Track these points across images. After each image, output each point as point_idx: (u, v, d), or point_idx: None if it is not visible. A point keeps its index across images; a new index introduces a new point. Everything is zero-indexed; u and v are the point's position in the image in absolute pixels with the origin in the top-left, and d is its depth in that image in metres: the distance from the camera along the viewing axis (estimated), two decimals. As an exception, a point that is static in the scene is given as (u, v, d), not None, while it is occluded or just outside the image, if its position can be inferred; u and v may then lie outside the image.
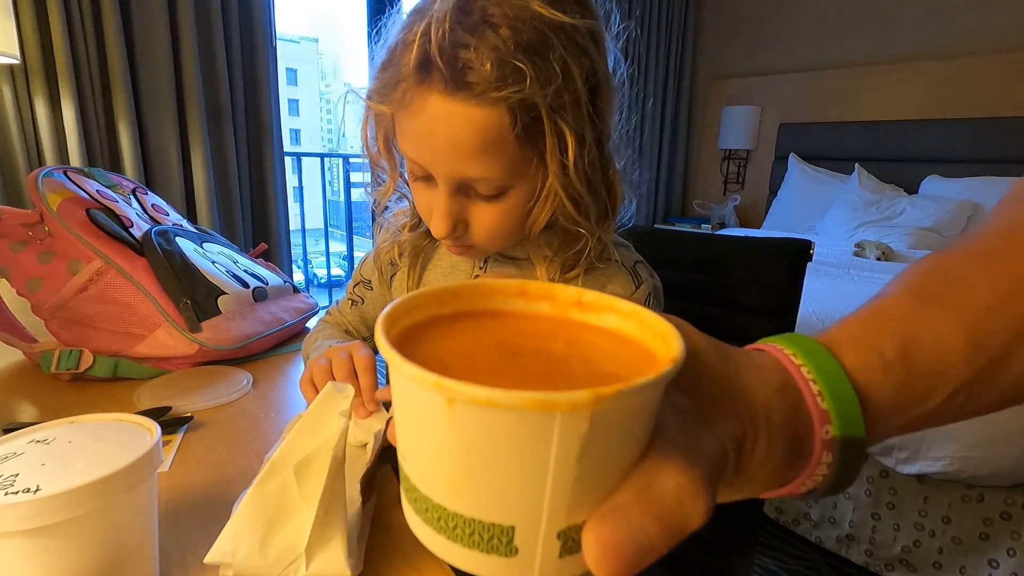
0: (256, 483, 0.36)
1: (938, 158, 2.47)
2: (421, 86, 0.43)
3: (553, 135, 0.43)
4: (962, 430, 1.22)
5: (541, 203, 0.47)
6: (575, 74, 0.42)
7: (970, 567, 1.29)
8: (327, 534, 0.35)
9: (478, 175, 0.45)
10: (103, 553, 0.34)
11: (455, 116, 0.42)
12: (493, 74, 0.40)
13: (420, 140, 0.45)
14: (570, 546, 0.15)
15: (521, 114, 0.42)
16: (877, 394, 0.20)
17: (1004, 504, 1.25)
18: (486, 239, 0.50)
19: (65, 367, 0.68)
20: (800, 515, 1.54)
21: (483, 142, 0.43)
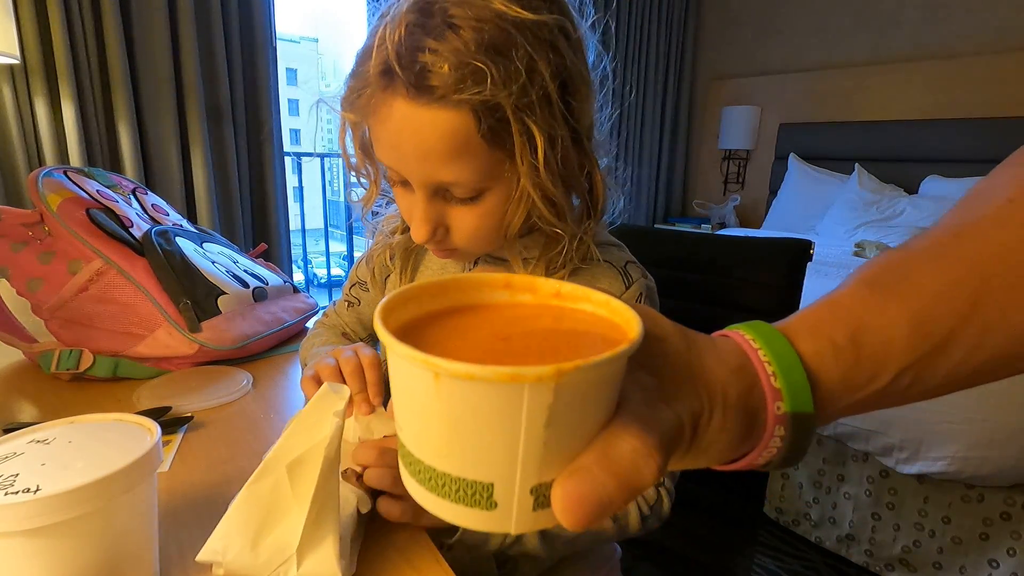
0: (249, 483, 0.36)
1: (938, 158, 2.47)
2: (385, 92, 0.42)
3: (522, 135, 0.42)
4: (962, 430, 1.22)
5: (515, 205, 0.47)
6: (543, 71, 0.41)
7: (970, 567, 1.29)
8: (319, 535, 0.35)
9: (451, 179, 0.44)
10: (103, 553, 0.34)
11: (420, 121, 0.42)
12: (453, 76, 0.39)
13: (390, 146, 0.45)
14: (542, 501, 0.18)
15: (486, 115, 0.41)
16: (827, 375, 0.22)
17: (1004, 504, 1.25)
18: (467, 242, 0.50)
19: (65, 367, 0.68)
20: (800, 515, 1.54)
21: (450, 146, 0.42)
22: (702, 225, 3.13)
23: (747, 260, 0.78)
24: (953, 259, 0.23)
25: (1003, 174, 0.25)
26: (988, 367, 0.23)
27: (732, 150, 3.21)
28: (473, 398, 0.16)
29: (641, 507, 0.52)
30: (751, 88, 3.11)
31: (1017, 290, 0.21)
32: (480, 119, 0.41)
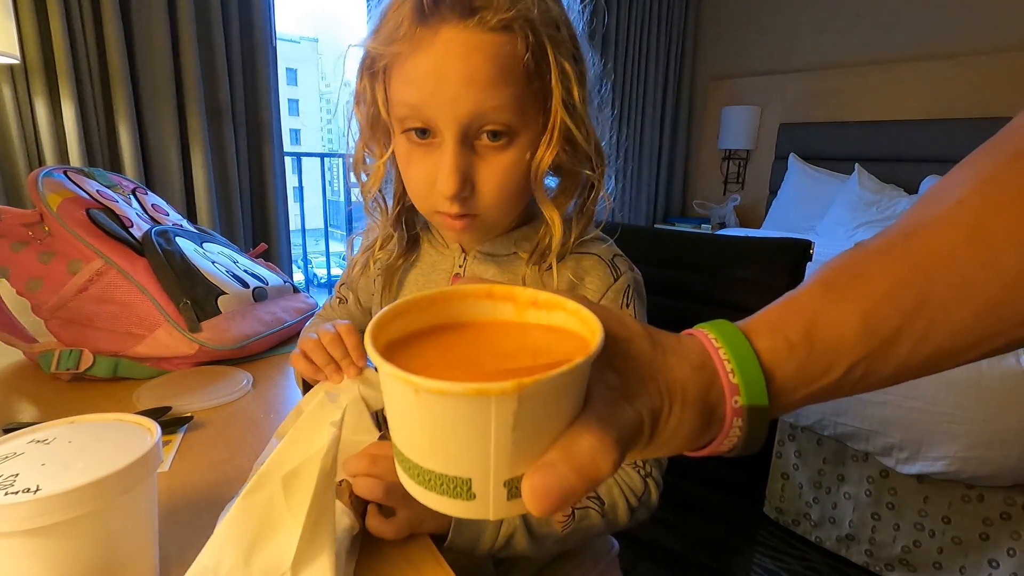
0: (242, 495, 0.35)
1: (938, 158, 2.47)
2: (431, 20, 0.44)
3: (556, 65, 0.46)
4: (962, 430, 1.22)
5: (546, 140, 0.48)
6: (559, 21, 0.47)
7: (970, 567, 1.29)
8: (314, 550, 0.34)
9: (491, 106, 0.45)
10: (103, 553, 0.34)
11: (470, 43, 0.43)
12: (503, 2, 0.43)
13: (429, 79, 0.45)
14: (514, 492, 0.20)
15: (530, 39, 0.44)
16: (782, 370, 0.24)
17: (1004, 504, 1.25)
18: (492, 197, 0.49)
19: (65, 367, 0.68)
20: (800, 515, 1.54)
21: (497, 69, 0.44)
22: (702, 225, 3.13)
23: (747, 260, 0.78)
24: (902, 260, 0.24)
25: (958, 175, 0.27)
26: (934, 360, 0.24)
27: (732, 150, 3.21)
28: (448, 409, 0.19)
29: (629, 499, 0.52)
30: (751, 88, 3.11)
31: (959, 289, 0.23)
32: (526, 41, 0.44)
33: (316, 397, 0.42)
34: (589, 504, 0.50)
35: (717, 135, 3.21)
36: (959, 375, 1.23)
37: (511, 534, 0.46)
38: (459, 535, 0.44)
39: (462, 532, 0.45)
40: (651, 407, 0.23)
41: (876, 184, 2.54)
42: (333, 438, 0.36)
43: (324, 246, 3.66)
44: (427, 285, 0.60)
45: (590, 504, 0.50)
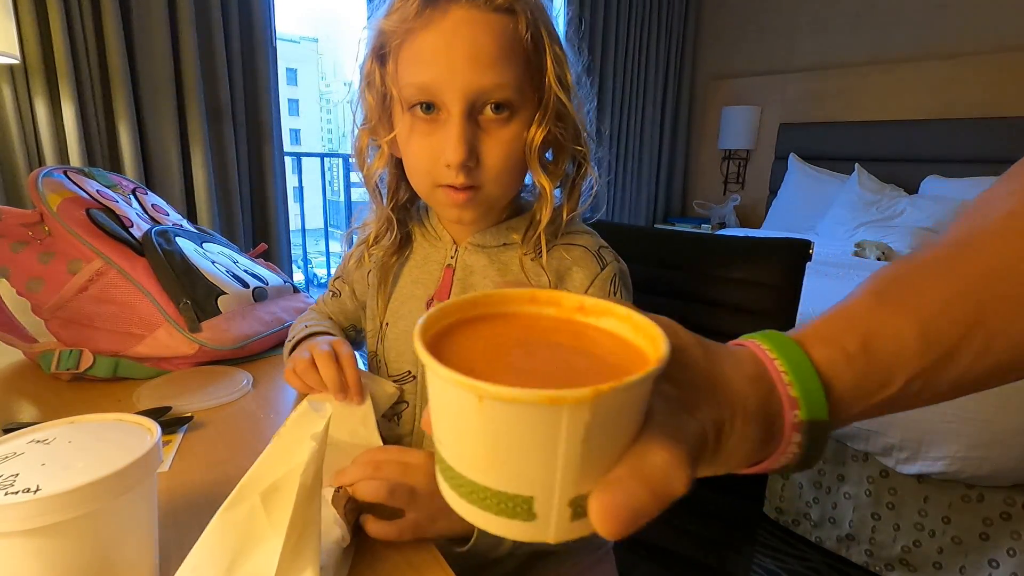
0: (222, 509, 0.34)
1: (938, 158, 2.47)
2: (438, 3, 0.47)
3: (551, 49, 0.50)
4: (962, 430, 1.22)
5: (540, 117, 0.51)
6: (551, 23, 0.52)
7: (970, 567, 1.29)
8: (297, 566, 0.33)
9: (495, 83, 0.48)
10: (103, 553, 0.34)
11: (477, 23, 0.47)
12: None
13: (438, 55, 0.48)
14: (579, 512, 0.18)
15: (531, 24, 0.48)
16: (841, 383, 0.23)
17: (1004, 504, 1.25)
18: (495, 168, 0.52)
19: (65, 367, 0.68)
20: (800, 515, 1.54)
21: (501, 48, 0.47)
22: (702, 225, 3.13)
23: (746, 260, 0.78)
24: (957, 272, 0.24)
25: (1004, 187, 0.26)
26: (994, 373, 0.24)
27: (732, 150, 3.21)
28: (515, 419, 0.17)
29: None
30: (751, 88, 3.11)
31: (1017, 301, 0.23)
32: (528, 26, 0.48)
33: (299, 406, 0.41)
34: None
35: (717, 135, 3.21)
36: (959, 375, 1.23)
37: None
38: (483, 537, 0.43)
39: (486, 534, 0.43)
40: (714, 419, 0.21)
41: (876, 184, 2.54)
42: (313, 452, 0.34)
43: (324, 246, 3.66)
44: (421, 277, 0.62)
45: None
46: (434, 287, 0.61)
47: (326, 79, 41.95)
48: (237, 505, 0.34)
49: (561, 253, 0.57)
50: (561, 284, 0.56)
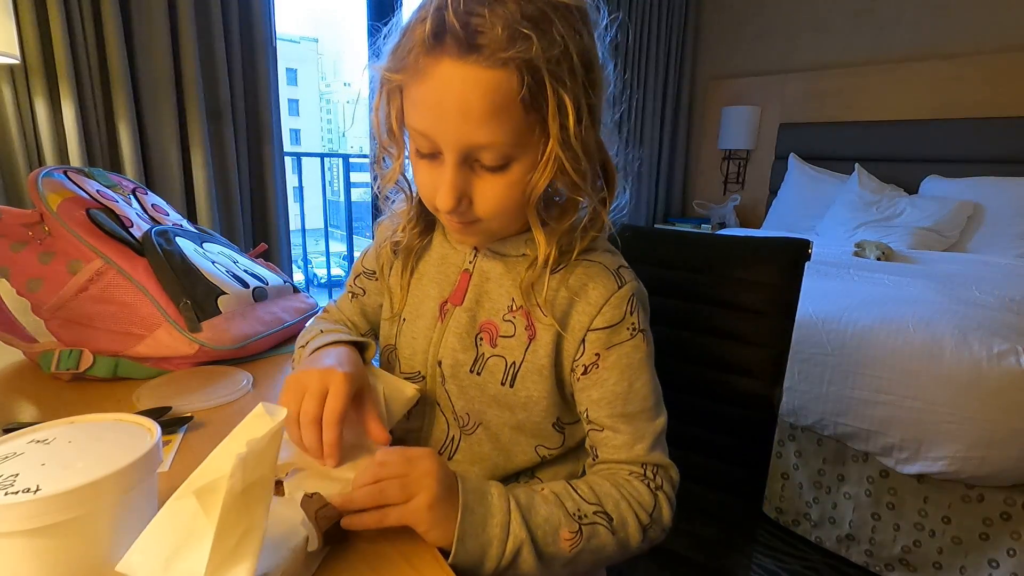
0: (172, 498, 0.34)
1: (938, 158, 2.47)
2: (433, 52, 0.45)
3: (555, 99, 0.46)
4: (962, 430, 1.22)
5: (541, 168, 0.49)
6: (571, 48, 0.46)
7: (970, 567, 1.29)
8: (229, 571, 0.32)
9: (486, 141, 0.46)
10: (103, 553, 0.34)
11: (466, 79, 0.44)
12: (503, 37, 0.43)
13: (430, 108, 0.47)
14: None
15: (527, 76, 0.44)
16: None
17: (1004, 504, 1.25)
18: (489, 213, 0.51)
19: (65, 367, 0.68)
20: (800, 515, 1.54)
21: (492, 104, 0.45)
22: (702, 225, 3.13)
23: (746, 260, 0.78)
24: None
25: None
26: None
27: (732, 150, 3.21)
28: None
29: (639, 515, 0.51)
30: (751, 88, 3.11)
31: None
32: (522, 79, 0.44)
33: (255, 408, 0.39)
34: (596, 520, 0.49)
35: (717, 135, 3.21)
36: (959, 375, 1.23)
37: (518, 549, 0.45)
38: (463, 549, 0.43)
39: (466, 545, 0.43)
40: None
41: (876, 184, 2.54)
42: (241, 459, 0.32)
43: (324, 246, 3.66)
44: (439, 277, 0.61)
45: (597, 520, 0.49)
46: (449, 289, 0.60)
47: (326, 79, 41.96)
48: (184, 498, 0.34)
49: (579, 269, 0.55)
50: (576, 301, 0.55)
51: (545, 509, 0.47)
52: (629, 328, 0.54)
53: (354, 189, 3.03)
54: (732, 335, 0.78)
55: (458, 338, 0.58)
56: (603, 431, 0.55)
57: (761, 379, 0.76)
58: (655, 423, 0.55)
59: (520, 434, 0.59)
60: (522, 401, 0.57)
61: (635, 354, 0.54)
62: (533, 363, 0.55)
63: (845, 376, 1.37)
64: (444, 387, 0.59)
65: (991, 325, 1.32)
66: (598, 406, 0.55)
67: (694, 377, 0.81)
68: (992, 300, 1.52)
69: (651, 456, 0.54)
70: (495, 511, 0.45)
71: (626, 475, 0.54)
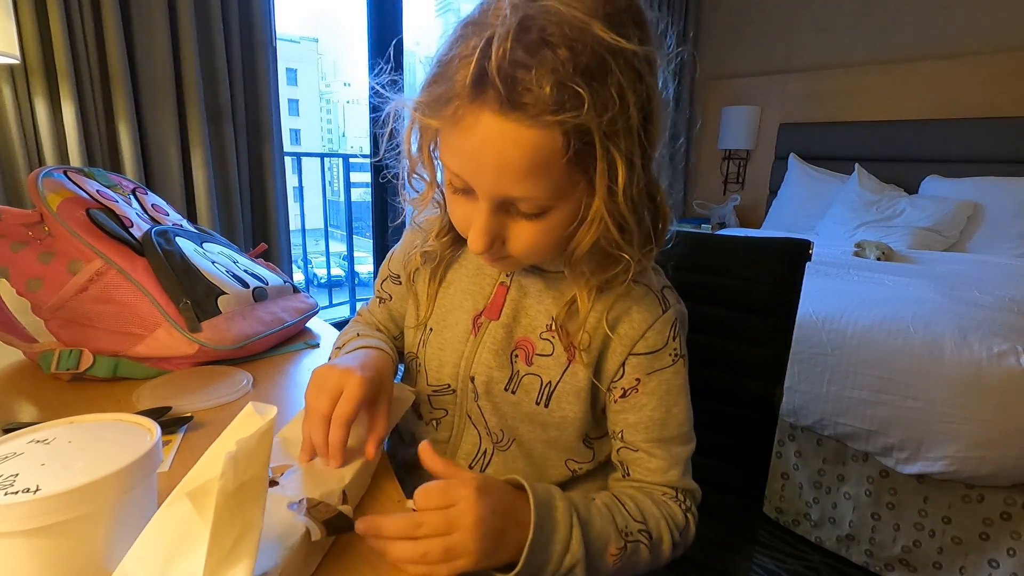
0: (167, 502, 0.34)
1: (938, 158, 2.47)
2: (474, 103, 0.41)
3: (604, 160, 0.42)
4: (962, 430, 1.22)
5: (586, 227, 0.46)
6: (630, 100, 0.41)
7: (970, 567, 1.29)
8: (227, 572, 0.32)
9: (523, 195, 0.44)
10: (103, 553, 0.34)
11: (507, 136, 0.41)
12: (551, 97, 0.38)
13: (467, 157, 0.44)
14: None
15: (575, 139, 0.41)
16: None
17: (1004, 504, 1.25)
18: (523, 254, 0.49)
19: (65, 367, 0.68)
20: (800, 515, 1.54)
21: (532, 163, 0.42)
22: (702, 225, 3.13)
23: (746, 260, 0.78)
24: None
25: None
26: None
27: (732, 150, 3.21)
28: None
29: (673, 533, 0.52)
30: (751, 88, 3.11)
31: None
32: (569, 142, 0.40)
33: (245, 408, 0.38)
34: (640, 538, 0.49)
35: (717, 135, 3.21)
36: (959, 375, 1.23)
37: (573, 566, 0.44)
38: (528, 565, 0.42)
39: (531, 562, 0.42)
40: None
41: (876, 184, 2.55)
42: (229, 461, 0.32)
43: (324, 246, 3.66)
44: (471, 288, 0.59)
45: (640, 538, 0.49)
46: (484, 303, 0.58)
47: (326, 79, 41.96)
48: (178, 501, 0.34)
49: (623, 291, 0.53)
50: (618, 323, 0.53)
51: (599, 523, 0.47)
52: (671, 354, 0.54)
53: (354, 189, 3.03)
54: (732, 335, 0.78)
55: (493, 354, 0.56)
56: (637, 452, 0.55)
57: (761, 379, 0.76)
58: (687, 448, 0.56)
59: (552, 449, 0.58)
60: (556, 421, 0.56)
61: (675, 380, 0.55)
62: (572, 384, 0.54)
63: (845, 376, 1.37)
64: (477, 403, 0.58)
65: (991, 325, 1.32)
66: (635, 430, 0.55)
67: (694, 377, 0.80)
68: (992, 300, 1.52)
69: (682, 481, 0.55)
70: (559, 527, 0.44)
71: (661, 495, 0.55)
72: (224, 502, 0.31)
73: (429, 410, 0.62)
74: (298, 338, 0.90)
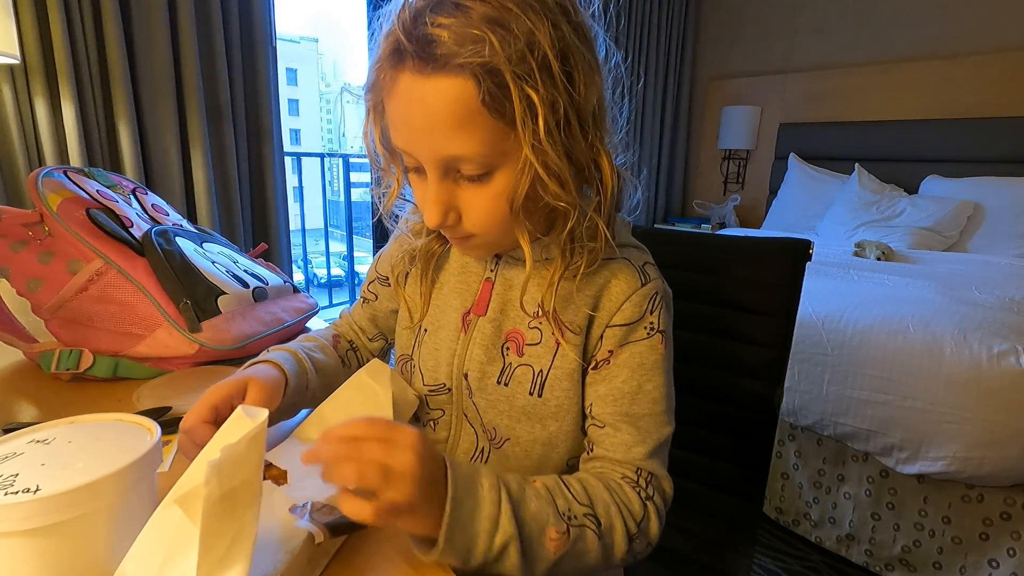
0: (161, 506, 0.33)
1: (938, 158, 2.47)
2: (395, 69, 0.44)
3: (522, 101, 0.42)
4: (962, 430, 1.22)
5: (518, 175, 0.46)
6: (542, 42, 0.42)
7: (970, 567, 1.29)
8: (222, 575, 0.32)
9: (459, 152, 0.45)
10: (103, 553, 0.34)
11: (426, 92, 0.43)
12: (457, 45, 0.41)
13: (402, 124, 0.46)
14: None
15: (485, 79, 0.41)
16: None
17: (1004, 504, 1.25)
18: (480, 227, 0.49)
19: (65, 367, 0.68)
20: (800, 515, 1.54)
21: (454, 114, 0.43)
22: (702, 225, 3.13)
23: (746, 260, 0.78)
24: None
25: None
26: None
27: (732, 150, 3.21)
28: None
29: (627, 523, 0.48)
30: (751, 88, 3.11)
31: None
32: (480, 83, 0.42)
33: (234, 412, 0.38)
34: (585, 523, 0.46)
35: (717, 135, 3.21)
36: (959, 375, 1.23)
37: (505, 545, 0.42)
38: (450, 545, 0.39)
39: (453, 542, 0.40)
40: None
41: (876, 184, 2.55)
42: (211, 470, 0.32)
43: (324, 246, 3.66)
44: (459, 287, 0.60)
45: (586, 523, 0.46)
46: (471, 299, 0.58)
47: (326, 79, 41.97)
48: (169, 506, 0.33)
49: (604, 265, 0.54)
50: (600, 298, 0.53)
51: (535, 504, 0.44)
52: (647, 327, 0.53)
53: (354, 189, 3.03)
54: (732, 335, 0.78)
55: (484, 350, 0.56)
56: (604, 428, 0.53)
57: (761, 379, 0.76)
58: (660, 431, 0.53)
59: (551, 450, 0.57)
60: (552, 411, 0.55)
61: (650, 354, 0.53)
62: (563, 368, 0.54)
63: (845, 376, 1.37)
64: (472, 399, 0.58)
65: (991, 325, 1.32)
66: (603, 402, 0.53)
67: (694, 377, 0.81)
68: (992, 300, 1.52)
69: (648, 463, 0.52)
70: (484, 503, 0.41)
71: (618, 479, 0.51)
72: (211, 508, 0.31)
73: (426, 411, 0.62)
74: (297, 339, 0.90)
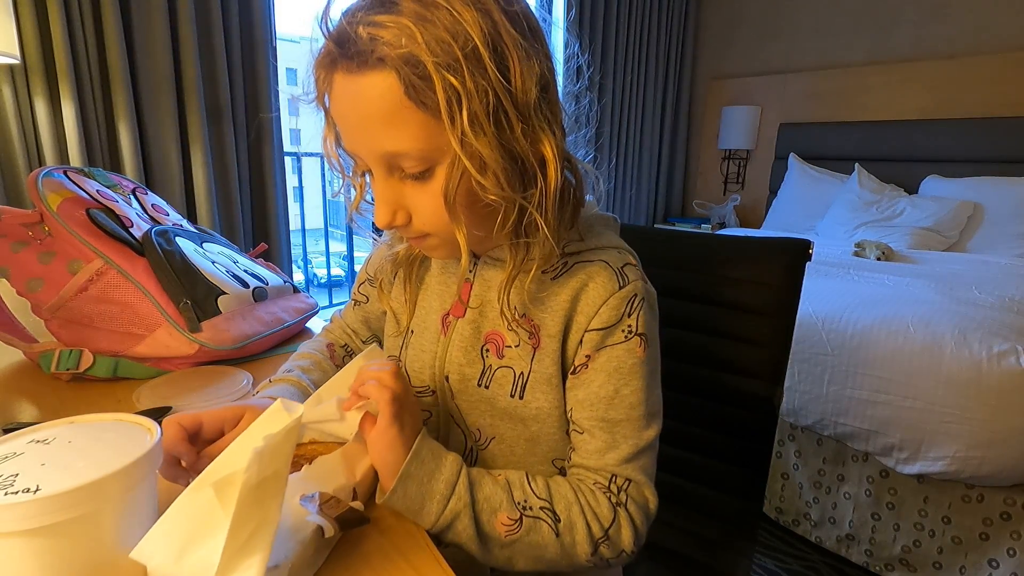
0: (189, 489, 0.35)
1: (938, 158, 2.47)
2: (329, 71, 0.45)
3: (446, 91, 0.41)
4: (962, 430, 1.22)
5: (449, 169, 0.45)
6: (470, 31, 0.41)
7: (970, 567, 1.29)
8: (243, 563, 0.33)
9: (394, 148, 0.45)
10: (103, 553, 0.34)
11: (356, 89, 0.43)
12: (376, 40, 0.41)
13: (341, 124, 0.47)
14: None
15: (407, 71, 0.41)
16: None
17: (1004, 504, 1.25)
18: (430, 226, 0.49)
19: (65, 367, 0.68)
20: (800, 515, 1.54)
21: (381, 109, 0.43)
22: (702, 225, 3.13)
23: (746, 260, 0.78)
24: None
25: None
26: None
27: (732, 150, 3.21)
28: None
29: (591, 524, 0.48)
30: (751, 88, 3.11)
31: None
32: (400, 75, 0.41)
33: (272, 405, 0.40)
34: (540, 516, 0.47)
35: (717, 135, 3.21)
36: (959, 375, 1.23)
37: (457, 513, 0.45)
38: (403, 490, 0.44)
39: (407, 489, 0.45)
40: None
41: (876, 184, 2.54)
42: (256, 453, 0.33)
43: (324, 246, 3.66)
44: (440, 289, 0.60)
45: (541, 516, 0.47)
46: (451, 301, 0.58)
47: (326, 79, 41.83)
48: (200, 490, 0.34)
49: (581, 270, 0.53)
50: (577, 301, 0.52)
51: (490, 488, 0.47)
52: (624, 331, 0.51)
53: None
54: (732, 335, 0.78)
55: (463, 351, 0.55)
56: (583, 433, 0.53)
57: (761, 379, 0.76)
58: (639, 436, 0.52)
59: (535, 446, 0.57)
60: (532, 413, 0.54)
61: (627, 358, 0.51)
62: (540, 373, 0.53)
63: (845, 376, 1.37)
64: (454, 402, 0.57)
65: (991, 325, 1.32)
66: (581, 407, 0.52)
67: (694, 377, 0.81)
68: (992, 300, 1.52)
69: (623, 468, 0.51)
70: (445, 470, 0.46)
71: (590, 484, 0.51)
72: (246, 495, 0.32)
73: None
74: (298, 338, 0.90)
